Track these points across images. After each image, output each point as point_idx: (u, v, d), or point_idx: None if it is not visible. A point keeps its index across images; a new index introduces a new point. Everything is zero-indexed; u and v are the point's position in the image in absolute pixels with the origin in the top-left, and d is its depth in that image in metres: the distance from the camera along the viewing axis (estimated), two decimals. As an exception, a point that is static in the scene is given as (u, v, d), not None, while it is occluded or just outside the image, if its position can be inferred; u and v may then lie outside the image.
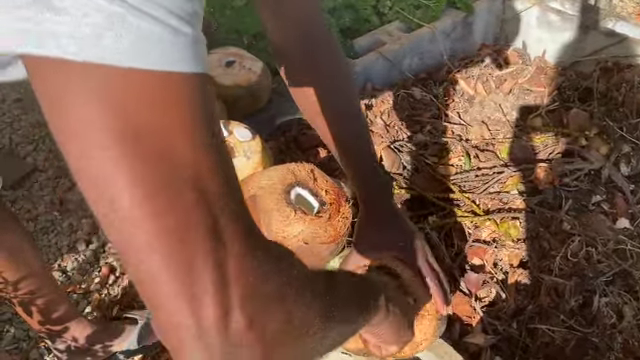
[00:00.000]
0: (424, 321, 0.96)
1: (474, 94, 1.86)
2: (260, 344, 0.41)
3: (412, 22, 2.01)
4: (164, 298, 0.38)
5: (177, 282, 0.37)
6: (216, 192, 0.38)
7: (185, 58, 0.37)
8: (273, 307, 0.42)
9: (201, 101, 0.38)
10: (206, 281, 0.37)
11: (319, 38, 0.93)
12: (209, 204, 0.38)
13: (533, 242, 1.36)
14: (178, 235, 0.37)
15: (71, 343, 1.26)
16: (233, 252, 0.38)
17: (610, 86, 1.75)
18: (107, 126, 0.35)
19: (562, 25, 1.97)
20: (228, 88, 1.55)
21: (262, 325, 0.40)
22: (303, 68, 0.94)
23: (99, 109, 0.35)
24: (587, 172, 1.52)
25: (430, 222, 1.41)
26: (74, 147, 0.36)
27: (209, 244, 0.37)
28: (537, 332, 1.21)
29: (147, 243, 0.36)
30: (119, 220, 0.36)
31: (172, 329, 0.39)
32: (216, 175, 0.38)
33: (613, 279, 1.27)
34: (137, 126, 0.35)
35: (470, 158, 1.62)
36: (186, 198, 0.37)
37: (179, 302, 0.37)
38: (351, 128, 0.97)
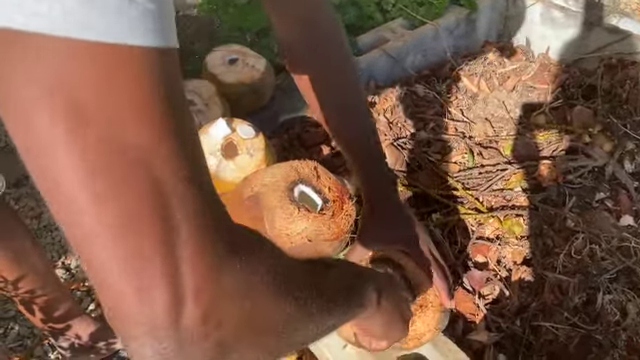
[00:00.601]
0: (428, 313, 0.96)
1: (477, 91, 1.86)
2: (215, 339, 0.39)
3: (415, 19, 2.01)
4: (112, 289, 0.36)
5: (124, 273, 0.35)
6: (173, 178, 0.36)
7: (142, 31, 0.34)
8: (232, 302, 0.39)
9: (161, 78, 0.35)
10: (155, 273, 0.35)
11: (325, 32, 0.92)
12: (163, 191, 0.35)
13: (537, 239, 1.36)
14: (124, 222, 0.34)
15: (75, 340, 1.26)
16: (188, 243, 0.36)
17: (614, 83, 1.75)
18: (49, 103, 0.32)
19: (566, 22, 1.96)
20: (231, 86, 1.55)
21: (218, 320, 0.38)
22: (308, 62, 0.94)
23: (42, 85, 0.32)
24: (591, 169, 1.51)
25: (433, 219, 1.41)
26: (19, 125, 0.34)
27: (159, 234, 0.35)
28: (541, 329, 1.20)
29: (91, 229, 0.34)
30: (63, 202, 0.35)
31: (120, 320, 0.37)
32: (175, 160, 0.36)
33: (617, 276, 1.27)
34: (80, 103, 0.33)
35: (473, 155, 1.62)
36: (136, 184, 0.34)
37: (127, 294, 0.35)
38: (356, 122, 0.96)
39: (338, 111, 0.96)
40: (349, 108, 0.96)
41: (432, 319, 0.96)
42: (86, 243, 0.35)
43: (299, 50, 0.93)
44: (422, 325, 0.95)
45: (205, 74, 1.60)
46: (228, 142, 1.23)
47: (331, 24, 0.93)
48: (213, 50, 1.65)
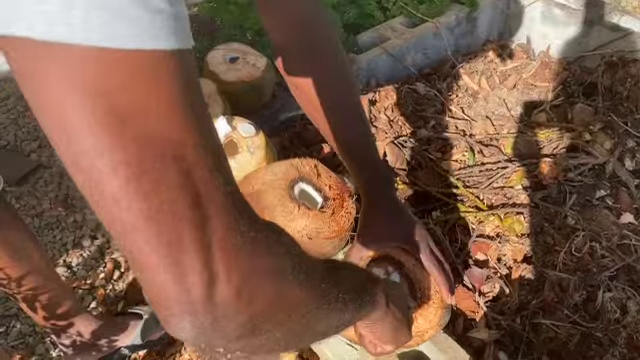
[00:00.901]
0: (429, 310, 0.96)
1: (478, 89, 1.86)
2: (247, 315, 0.42)
3: (416, 17, 2.01)
4: (152, 272, 0.39)
5: (164, 257, 0.38)
6: (202, 168, 0.38)
7: (162, 35, 0.36)
8: (262, 281, 0.42)
9: (183, 78, 0.38)
10: (192, 254, 0.38)
11: (318, 34, 0.92)
12: (194, 181, 0.38)
13: (537, 237, 1.36)
14: (163, 214, 0.37)
15: (76, 338, 1.27)
16: (219, 226, 0.39)
17: (615, 81, 1.75)
18: (87, 111, 0.35)
19: (567, 20, 1.96)
20: (232, 84, 1.55)
21: (249, 297, 0.41)
22: (301, 64, 0.94)
23: (78, 94, 0.34)
24: (591, 167, 1.52)
25: (434, 217, 1.41)
26: (61, 136, 0.36)
27: (194, 220, 0.38)
28: (541, 327, 1.21)
29: (134, 223, 0.37)
30: (107, 202, 0.37)
31: (161, 301, 0.40)
32: (202, 151, 0.39)
33: (617, 274, 1.27)
34: (118, 108, 0.35)
35: (474, 153, 1.62)
36: (171, 177, 0.37)
37: (166, 275, 0.38)
38: (351, 123, 0.96)
39: (332, 113, 0.96)
40: (344, 110, 0.96)
41: (434, 316, 0.96)
42: (129, 236, 0.38)
43: (292, 53, 0.93)
44: (424, 322, 0.95)
45: (206, 72, 1.60)
46: (229, 140, 1.23)
47: (325, 26, 0.93)
48: (214, 49, 1.65)
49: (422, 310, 0.96)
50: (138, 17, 0.35)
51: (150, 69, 0.36)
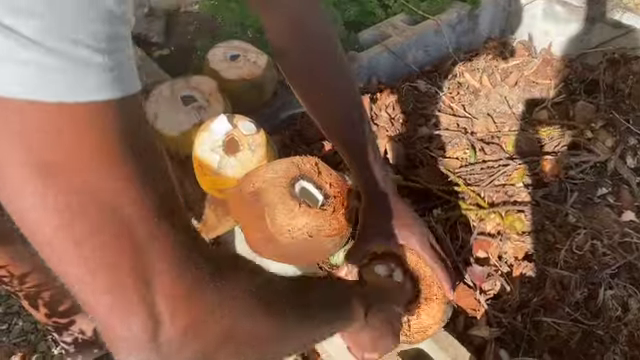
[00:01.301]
0: (432, 305, 0.97)
1: (479, 87, 1.85)
2: (193, 352, 0.43)
3: (417, 14, 2.00)
4: (98, 317, 0.41)
5: (105, 304, 0.39)
6: (143, 218, 0.39)
7: (95, 87, 0.36)
8: (208, 321, 0.43)
9: (119, 127, 0.38)
10: (133, 302, 0.39)
11: (316, 33, 0.92)
12: (133, 230, 0.39)
13: (538, 235, 1.36)
14: (100, 261, 0.38)
15: (78, 336, 1.27)
16: (162, 274, 0.40)
17: (617, 78, 1.74)
18: (21, 161, 0.35)
19: (568, 17, 1.95)
20: (232, 82, 1.55)
21: (194, 336, 0.43)
22: (301, 64, 0.94)
23: (11, 144, 0.35)
24: (593, 165, 1.51)
25: (435, 215, 1.41)
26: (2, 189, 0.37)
27: (133, 268, 0.39)
28: (542, 325, 1.21)
29: (72, 270, 0.39)
30: (46, 249, 0.39)
31: (110, 340, 0.42)
32: (144, 201, 0.39)
33: (618, 272, 1.27)
34: (48, 160, 0.36)
35: (475, 151, 1.62)
36: (108, 227, 0.38)
37: (112, 320, 0.40)
38: (351, 121, 0.96)
39: (333, 111, 0.96)
40: (344, 108, 0.96)
41: (437, 311, 0.97)
42: (71, 281, 0.39)
43: (291, 52, 0.93)
44: (427, 318, 0.96)
45: (206, 70, 1.60)
46: (229, 138, 1.23)
47: (324, 25, 0.93)
48: (214, 46, 1.65)
49: (425, 306, 0.97)
50: (63, 70, 0.35)
51: (77, 121, 0.36)
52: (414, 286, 0.99)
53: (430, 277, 0.99)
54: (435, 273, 0.99)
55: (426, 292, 0.98)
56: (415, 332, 0.96)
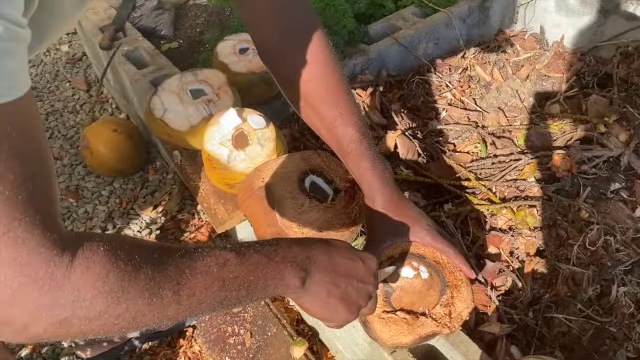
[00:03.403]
0: (462, 290, 0.98)
1: (491, 80, 1.83)
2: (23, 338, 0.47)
3: (427, 7, 1.98)
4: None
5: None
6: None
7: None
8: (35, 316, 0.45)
9: None
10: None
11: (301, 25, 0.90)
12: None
13: (550, 230, 1.34)
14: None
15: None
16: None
17: (630, 71, 1.72)
18: None
19: (581, 9, 1.93)
20: (242, 75, 1.54)
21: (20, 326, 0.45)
22: (283, 54, 0.91)
23: None
24: (606, 159, 1.49)
25: (446, 210, 1.40)
26: None
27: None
28: (554, 321, 1.19)
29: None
30: None
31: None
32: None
33: (632, 268, 1.25)
34: None
35: (486, 145, 1.60)
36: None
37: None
38: (343, 118, 0.94)
39: (323, 107, 0.94)
40: (335, 103, 0.94)
41: (467, 294, 0.98)
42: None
43: (276, 47, 0.90)
44: (461, 303, 0.97)
45: (216, 63, 1.60)
46: (239, 132, 1.22)
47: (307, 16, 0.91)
48: (223, 39, 1.64)
49: (456, 293, 0.97)
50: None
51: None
52: (439, 277, 0.99)
53: (450, 264, 1.00)
54: (452, 259, 0.99)
55: (451, 280, 0.99)
56: (454, 319, 0.96)
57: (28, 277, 0.43)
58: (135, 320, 0.51)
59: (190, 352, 1.39)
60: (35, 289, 0.44)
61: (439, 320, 0.96)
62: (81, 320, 0.47)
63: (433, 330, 0.96)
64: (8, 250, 0.42)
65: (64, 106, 2.18)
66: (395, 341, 0.96)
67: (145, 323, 0.53)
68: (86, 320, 0.47)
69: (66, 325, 0.47)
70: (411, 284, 0.98)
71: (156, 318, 0.53)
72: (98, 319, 0.48)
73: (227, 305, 0.62)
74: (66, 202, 1.77)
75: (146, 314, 0.52)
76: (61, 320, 0.46)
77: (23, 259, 0.43)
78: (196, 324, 1.42)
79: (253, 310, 1.39)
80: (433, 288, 0.99)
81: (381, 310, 0.96)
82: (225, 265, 0.60)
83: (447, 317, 0.96)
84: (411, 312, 0.97)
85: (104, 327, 0.50)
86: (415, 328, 0.95)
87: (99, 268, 0.47)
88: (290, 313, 1.41)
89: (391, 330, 0.95)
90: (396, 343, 0.96)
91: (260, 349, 1.33)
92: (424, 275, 0.99)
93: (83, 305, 0.46)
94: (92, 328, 0.49)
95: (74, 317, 0.46)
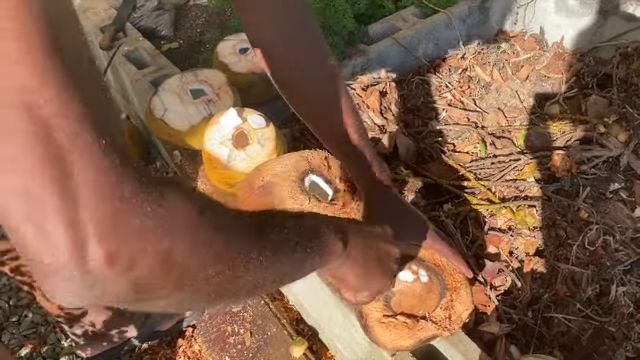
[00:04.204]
0: (461, 292, 0.98)
1: (490, 80, 1.84)
2: (129, 279, 0.39)
3: (427, 7, 1.99)
4: (16, 231, 0.36)
5: (21, 213, 0.35)
6: (63, 119, 0.35)
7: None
8: (143, 243, 0.39)
9: (46, 22, 0.34)
10: (50, 212, 0.35)
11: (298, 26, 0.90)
12: (49, 131, 0.34)
13: (550, 230, 1.34)
14: (12, 161, 0.34)
15: (88, 328, 1.27)
16: (86, 185, 0.36)
17: (630, 72, 1.72)
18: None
19: (581, 10, 1.93)
20: (242, 75, 1.54)
21: (128, 261, 0.38)
22: (281, 53, 0.91)
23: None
24: (605, 159, 1.49)
25: (445, 210, 1.40)
26: None
27: (54, 175, 0.35)
28: (553, 321, 1.20)
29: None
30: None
31: (32, 261, 0.37)
32: (62, 101, 0.35)
33: (631, 268, 1.26)
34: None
35: (486, 145, 1.60)
36: (18, 123, 0.34)
37: (29, 235, 0.36)
38: (341, 119, 0.94)
39: (321, 109, 0.94)
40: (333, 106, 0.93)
41: (467, 296, 0.98)
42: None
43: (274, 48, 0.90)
44: (461, 305, 0.97)
45: (216, 63, 1.60)
46: (239, 132, 1.22)
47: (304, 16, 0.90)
48: (224, 39, 1.64)
49: (456, 295, 0.98)
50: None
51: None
52: (439, 280, 0.99)
53: (449, 266, 1.00)
54: (450, 260, 0.99)
55: (451, 282, 0.99)
56: (454, 322, 0.97)
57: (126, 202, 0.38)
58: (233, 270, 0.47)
59: (190, 351, 1.39)
60: (134, 214, 0.38)
61: (439, 323, 0.96)
62: (183, 252, 0.42)
63: (433, 333, 0.96)
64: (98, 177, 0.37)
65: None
66: (396, 345, 0.96)
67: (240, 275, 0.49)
68: (187, 253, 0.42)
69: (169, 261, 0.41)
70: (411, 288, 0.99)
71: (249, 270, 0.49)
72: (196, 254, 0.43)
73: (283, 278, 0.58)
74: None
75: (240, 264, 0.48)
76: (165, 251, 0.40)
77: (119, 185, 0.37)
78: (196, 324, 1.42)
79: (253, 310, 1.40)
80: (433, 291, 0.99)
81: (381, 314, 0.96)
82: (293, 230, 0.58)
83: (447, 320, 0.97)
84: (411, 316, 0.98)
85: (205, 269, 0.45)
86: (415, 332, 0.95)
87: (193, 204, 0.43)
88: (290, 313, 1.41)
89: (391, 334, 0.95)
90: (397, 347, 0.97)
91: (260, 349, 1.33)
92: (423, 279, 0.99)
93: (181, 233, 0.42)
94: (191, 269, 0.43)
95: (176, 247, 0.41)
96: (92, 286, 0.38)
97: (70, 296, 0.39)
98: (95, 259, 0.37)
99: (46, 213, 0.35)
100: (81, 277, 0.37)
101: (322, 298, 1.18)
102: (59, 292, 0.38)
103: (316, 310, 1.28)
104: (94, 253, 0.37)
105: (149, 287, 0.41)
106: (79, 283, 0.38)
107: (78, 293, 0.38)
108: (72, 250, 0.36)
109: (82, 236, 0.36)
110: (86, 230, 0.36)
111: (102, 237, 0.37)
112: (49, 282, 0.38)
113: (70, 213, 0.36)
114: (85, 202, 0.36)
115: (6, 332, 1.44)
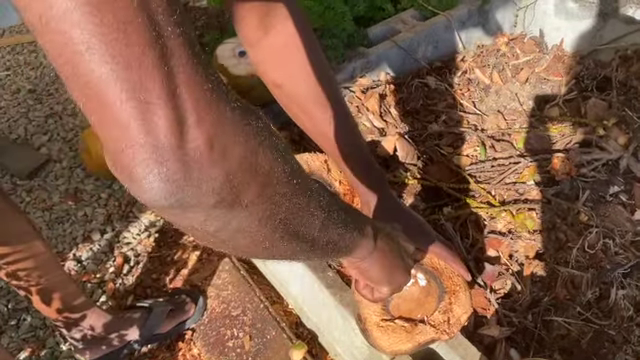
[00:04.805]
0: (460, 295, 0.98)
1: (490, 83, 1.84)
2: (221, 169, 0.38)
3: (427, 10, 1.99)
4: (111, 112, 0.34)
5: (122, 85, 0.34)
6: (165, 11, 0.35)
7: None
8: (236, 134, 0.39)
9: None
10: (154, 87, 0.34)
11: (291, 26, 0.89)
12: (155, 21, 0.34)
13: (549, 233, 1.34)
14: (117, 32, 0.33)
15: (87, 332, 1.27)
16: (186, 66, 0.36)
17: (630, 75, 1.72)
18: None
19: (580, 13, 1.93)
20: (241, 78, 1.54)
21: (223, 148, 0.38)
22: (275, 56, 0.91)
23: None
24: (605, 162, 1.49)
25: (445, 213, 1.40)
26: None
27: (153, 46, 0.34)
28: (553, 324, 1.19)
29: (86, 45, 0.33)
30: (56, 21, 0.33)
31: (125, 148, 0.35)
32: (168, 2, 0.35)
33: (631, 271, 1.25)
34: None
35: (486, 148, 1.60)
36: (128, 13, 0.33)
37: (129, 114, 0.34)
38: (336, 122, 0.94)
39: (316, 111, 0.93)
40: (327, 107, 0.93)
41: (465, 299, 0.98)
42: (80, 63, 0.34)
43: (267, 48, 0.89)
44: (459, 309, 0.97)
45: (215, 66, 1.60)
46: (238, 135, 1.22)
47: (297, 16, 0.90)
48: (223, 42, 1.64)
49: (454, 298, 0.97)
50: None
51: None
52: (437, 283, 0.99)
53: (447, 269, 1.00)
54: (449, 263, 0.99)
55: (449, 285, 0.99)
56: (453, 325, 0.96)
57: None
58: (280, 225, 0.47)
59: (189, 355, 1.39)
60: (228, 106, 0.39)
61: (438, 327, 0.96)
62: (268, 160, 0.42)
63: (432, 337, 0.96)
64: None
65: (63, 109, 2.18)
66: (394, 349, 0.96)
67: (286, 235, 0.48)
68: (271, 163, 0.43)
69: (255, 163, 0.41)
70: (409, 292, 0.98)
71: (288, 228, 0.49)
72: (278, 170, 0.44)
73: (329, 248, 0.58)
74: (65, 205, 1.77)
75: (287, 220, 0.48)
76: (253, 150, 0.40)
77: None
78: (195, 327, 1.42)
79: (252, 313, 1.39)
80: (431, 295, 0.99)
81: (380, 318, 0.96)
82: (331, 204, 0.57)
83: (446, 323, 0.96)
84: (410, 319, 0.97)
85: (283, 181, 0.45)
86: (414, 335, 0.95)
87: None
88: (289, 316, 1.41)
89: (390, 338, 0.95)
90: (395, 351, 0.96)
91: (259, 352, 1.33)
92: (422, 282, 0.99)
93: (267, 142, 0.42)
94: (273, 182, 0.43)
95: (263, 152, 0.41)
96: (188, 171, 0.37)
97: (164, 186, 0.37)
98: (194, 140, 0.36)
99: (147, 84, 0.34)
100: (178, 159, 0.36)
101: (322, 301, 1.18)
102: (154, 183, 0.36)
103: (315, 313, 1.27)
104: (193, 133, 0.36)
105: (237, 187, 0.40)
106: (175, 167, 0.36)
107: (173, 181, 0.36)
108: (172, 127, 0.35)
109: (182, 115, 0.35)
110: (185, 109, 0.36)
111: (201, 119, 0.36)
112: (142, 170, 0.36)
113: (172, 91, 0.35)
114: (185, 83, 0.35)
115: (5, 336, 1.44)
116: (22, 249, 1.07)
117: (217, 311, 1.43)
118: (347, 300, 1.11)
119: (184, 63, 0.36)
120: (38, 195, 1.79)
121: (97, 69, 0.33)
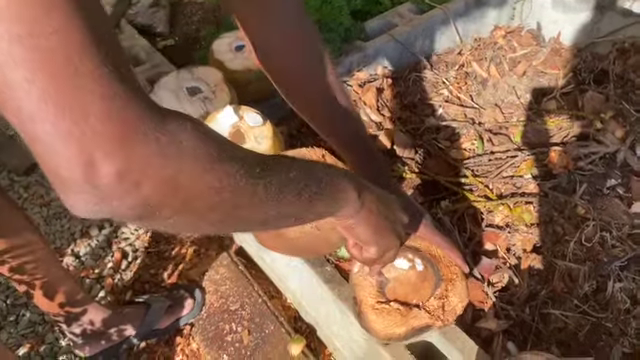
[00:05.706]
0: (456, 284, 0.98)
1: (487, 76, 1.84)
2: (137, 198, 0.42)
3: (424, 3, 1.98)
4: (39, 143, 0.39)
5: (41, 130, 0.38)
6: (84, 55, 0.38)
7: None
8: (150, 163, 0.41)
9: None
10: (68, 134, 0.38)
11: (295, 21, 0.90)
12: (70, 50, 0.37)
13: (547, 227, 1.35)
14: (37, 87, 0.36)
15: (86, 327, 1.27)
16: (97, 104, 0.38)
17: (627, 68, 1.72)
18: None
19: (577, 5, 1.93)
20: (238, 72, 1.54)
21: (136, 179, 0.41)
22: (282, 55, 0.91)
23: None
24: (602, 156, 1.50)
25: (443, 207, 1.40)
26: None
27: (68, 86, 0.37)
28: (550, 317, 1.20)
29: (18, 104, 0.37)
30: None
31: (47, 172, 0.40)
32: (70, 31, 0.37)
33: (628, 264, 1.26)
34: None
35: (483, 142, 1.60)
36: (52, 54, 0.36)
37: (49, 149, 0.39)
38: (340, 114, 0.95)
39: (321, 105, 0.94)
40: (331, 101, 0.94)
41: (462, 289, 0.98)
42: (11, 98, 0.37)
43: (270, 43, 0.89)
44: (455, 297, 0.97)
45: (212, 61, 1.59)
46: (235, 130, 1.22)
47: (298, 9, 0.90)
48: (219, 37, 1.64)
49: (451, 286, 0.98)
50: None
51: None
52: (434, 270, 0.99)
53: (445, 258, 1.00)
54: (447, 253, 1.00)
55: (446, 273, 0.99)
56: (448, 313, 0.97)
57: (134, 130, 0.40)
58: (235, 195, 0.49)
59: (188, 350, 1.39)
60: (139, 138, 0.41)
61: (432, 312, 0.97)
62: (188, 178, 0.44)
63: (426, 322, 0.96)
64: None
65: (60, 104, 2.17)
66: (388, 332, 0.96)
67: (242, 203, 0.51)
68: (192, 179, 0.45)
69: (174, 185, 0.44)
70: (406, 276, 0.99)
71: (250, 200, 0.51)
72: (201, 181, 0.46)
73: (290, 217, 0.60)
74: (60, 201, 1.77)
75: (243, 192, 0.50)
76: (169, 175, 0.43)
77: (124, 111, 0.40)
78: (194, 322, 1.42)
79: (251, 308, 1.40)
80: (427, 281, 0.99)
81: (375, 301, 0.96)
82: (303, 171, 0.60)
83: (440, 310, 0.97)
84: (405, 303, 0.98)
85: (209, 194, 0.47)
86: (408, 319, 0.96)
87: (197, 132, 0.46)
88: (288, 311, 1.41)
89: (385, 321, 0.95)
90: (389, 334, 0.97)
91: (258, 347, 1.33)
92: (419, 267, 0.99)
93: (186, 159, 0.44)
94: (196, 194, 0.46)
95: (181, 173, 0.44)
96: (103, 200, 0.41)
97: (85, 209, 0.42)
98: (105, 175, 0.40)
99: (61, 126, 0.38)
100: (91, 191, 0.40)
101: (320, 296, 1.18)
102: (77, 205, 0.42)
103: (314, 308, 1.28)
104: (100, 170, 0.39)
105: (156, 207, 0.44)
106: (92, 197, 0.41)
107: (92, 206, 0.41)
108: (81, 167, 0.39)
109: (90, 150, 0.39)
110: (94, 146, 0.39)
111: (110, 155, 0.39)
112: (66, 195, 0.41)
113: (81, 128, 0.38)
114: (94, 121, 0.38)
115: (4, 331, 1.44)
116: (20, 245, 1.07)
117: (215, 306, 1.44)
118: (345, 294, 1.11)
119: (98, 100, 0.39)
120: (35, 191, 1.79)
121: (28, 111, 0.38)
